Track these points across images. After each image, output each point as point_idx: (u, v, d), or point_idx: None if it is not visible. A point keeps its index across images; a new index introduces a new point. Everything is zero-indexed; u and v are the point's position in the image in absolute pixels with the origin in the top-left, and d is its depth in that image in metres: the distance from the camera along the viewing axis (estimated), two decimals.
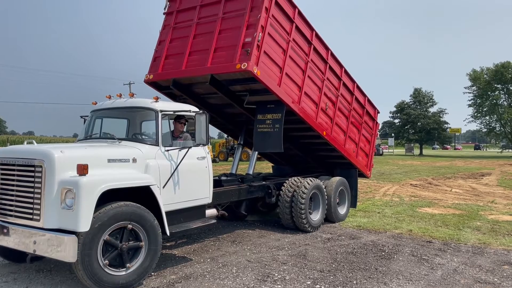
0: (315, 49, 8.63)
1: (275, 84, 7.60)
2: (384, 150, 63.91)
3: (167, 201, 5.62)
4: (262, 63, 7.20)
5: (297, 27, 8.07)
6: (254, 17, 7.19)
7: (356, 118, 10.39)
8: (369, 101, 10.94)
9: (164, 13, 8.62)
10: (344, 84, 9.73)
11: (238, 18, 7.41)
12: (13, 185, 5.01)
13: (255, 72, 6.98)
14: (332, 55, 9.26)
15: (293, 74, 8.08)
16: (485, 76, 60.45)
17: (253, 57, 6.96)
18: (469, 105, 63.46)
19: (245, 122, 9.42)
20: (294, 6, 8.01)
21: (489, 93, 60.69)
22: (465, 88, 63.30)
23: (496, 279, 5.64)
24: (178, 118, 6.36)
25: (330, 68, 9.18)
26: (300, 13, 8.14)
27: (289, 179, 8.52)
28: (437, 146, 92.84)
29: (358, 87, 10.31)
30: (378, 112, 11.60)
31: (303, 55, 8.34)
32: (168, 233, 5.45)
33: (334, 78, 9.40)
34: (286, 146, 8.45)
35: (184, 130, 6.64)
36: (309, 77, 8.51)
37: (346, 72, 9.80)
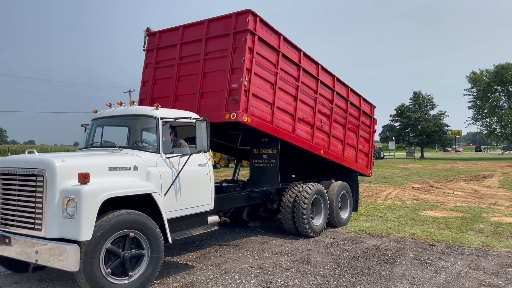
0: (304, 70, 8.41)
1: (268, 124, 7.44)
2: (384, 154, 63.80)
3: (169, 209, 5.61)
4: (251, 107, 7.03)
5: (283, 55, 7.82)
6: (238, 59, 6.94)
7: (353, 122, 10.32)
8: (364, 100, 10.82)
9: (144, 50, 8.32)
10: (338, 93, 9.58)
11: (221, 59, 7.16)
12: (14, 195, 5.00)
13: (245, 120, 6.82)
14: (323, 68, 9.05)
15: (284, 105, 7.90)
16: (484, 78, 60.52)
17: (241, 105, 6.78)
18: (469, 107, 63.53)
19: (241, 150, 9.32)
20: (278, 34, 7.73)
21: (489, 94, 60.73)
22: (465, 90, 63.43)
23: (500, 282, 5.61)
24: None
25: (322, 83, 8.99)
26: (285, 39, 7.87)
27: (291, 184, 8.49)
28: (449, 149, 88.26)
29: (352, 90, 10.19)
30: (375, 107, 11.49)
31: (293, 81, 8.13)
32: (170, 241, 5.42)
33: (327, 91, 9.25)
34: (284, 162, 8.33)
35: (174, 138, 6.57)
36: (301, 100, 8.33)
37: (338, 80, 9.61)
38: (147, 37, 8.30)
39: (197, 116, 6.41)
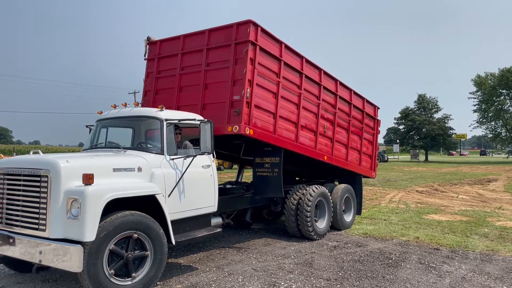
0: (306, 77, 8.28)
1: (270, 134, 7.38)
2: (388, 157, 63.68)
3: (173, 210, 5.62)
4: (254, 119, 6.95)
5: (285, 63, 7.70)
6: (240, 71, 6.84)
7: (356, 125, 10.23)
8: (367, 101, 10.73)
9: (145, 59, 8.25)
10: (341, 97, 9.47)
11: (223, 70, 7.08)
12: (19, 195, 5.02)
13: (248, 133, 6.74)
14: (325, 73, 8.93)
15: (287, 114, 7.82)
16: (489, 81, 60.36)
17: (243, 117, 6.71)
18: (474, 111, 63.36)
19: (244, 159, 9.26)
20: (280, 42, 7.62)
21: (494, 98, 60.55)
22: (470, 93, 63.26)
23: (505, 287, 5.57)
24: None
25: (324, 88, 8.87)
26: (286, 47, 7.76)
27: (294, 186, 8.47)
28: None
29: (355, 93, 10.10)
30: (378, 108, 11.40)
31: (295, 89, 8.02)
32: (173, 242, 5.43)
33: (329, 96, 9.14)
34: (287, 167, 8.29)
35: (180, 140, 6.58)
36: (304, 107, 8.23)
37: (341, 84, 9.50)
38: (147, 46, 8.21)
39: (202, 118, 6.42)
